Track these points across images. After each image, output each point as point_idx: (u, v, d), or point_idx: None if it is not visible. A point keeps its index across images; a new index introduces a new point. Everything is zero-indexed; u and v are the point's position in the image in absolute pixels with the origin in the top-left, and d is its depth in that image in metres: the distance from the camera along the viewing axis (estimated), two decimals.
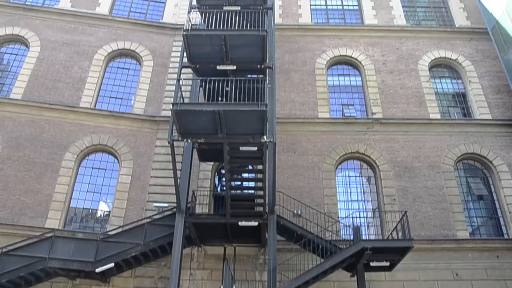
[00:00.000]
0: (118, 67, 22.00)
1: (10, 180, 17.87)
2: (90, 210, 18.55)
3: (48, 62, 21.26)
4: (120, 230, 16.48)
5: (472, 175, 19.75)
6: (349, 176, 19.55)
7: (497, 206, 18.78)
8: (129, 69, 21.97)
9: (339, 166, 19.54)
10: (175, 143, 15.84)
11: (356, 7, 24.88)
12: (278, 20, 23.18)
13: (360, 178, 19.66)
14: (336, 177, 19.16)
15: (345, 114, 21.05)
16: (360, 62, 22.13)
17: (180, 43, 20.49)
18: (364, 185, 19.49)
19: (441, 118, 20.70)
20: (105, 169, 19.20)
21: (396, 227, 15.69)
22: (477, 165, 19.89)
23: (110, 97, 21.00)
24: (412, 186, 18.65)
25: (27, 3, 23.52)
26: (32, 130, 19.21)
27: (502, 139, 19.93)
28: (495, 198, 19.00)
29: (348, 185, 19.29)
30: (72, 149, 18.93)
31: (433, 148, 19.62)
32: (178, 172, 16.30)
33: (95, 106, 20.46)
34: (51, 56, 21.45)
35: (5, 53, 22.07)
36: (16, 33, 22.13)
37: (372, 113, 20.51)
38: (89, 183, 18.83)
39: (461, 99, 21.91)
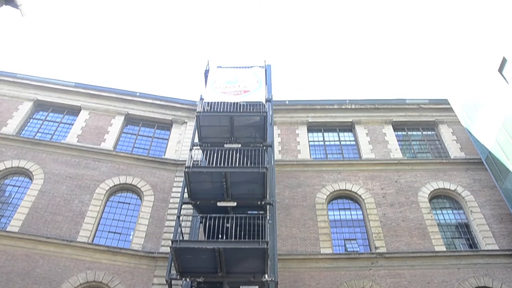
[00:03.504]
0: (118, 202, 22.00)
1: None
2: None
3: (49, 195, 21.35)
4: None
5: None
6: None
7: None
8: (129, 203, 21.96)
9: None
10: (173, 281, 15.28)
11: (353, 142, 25.74)
12: (277, 156, 23.81)
13: None
14: None
15: (348, 249, 20.52)
16: (360, 196, 22.22)
17: (181, 179, 20.84)
18: None
19: (447, 250, 20.18)
20: None
21: None
22: None
23: (109, 231, 20.65)
24: None
25: (36, 137, 24.36)
26: (25, 264, 18.57)
27: None
28: None
29: None
30: (65, 286, 18.10)
31: (442, 283, 18.78)
32: None
33: (92, 240, 20.04)
34: (53, 189, 21.60)
35: (8, 185, 22.28)
36: (21, 166, 22.54)
37: (376, 248, 20.04)
38: None
39: (464, 229, 21.57)
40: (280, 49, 66.01)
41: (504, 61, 20.02)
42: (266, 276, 15.04)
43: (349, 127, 26.45)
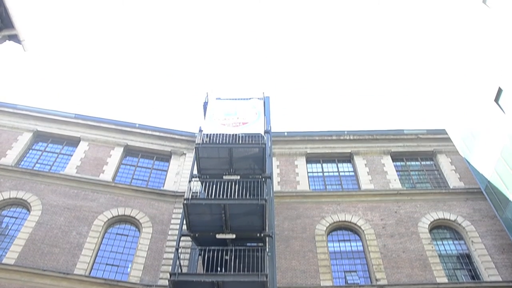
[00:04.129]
0: (117, 233, 21.79)
1: None
2: None
3: (47, 226, 21.17)
4: None
5: None
6: None
7: None
8: (127, 235, 21.74)
9: None
10: None
11: (352, 173, 25.75)
12: (276, 187, 23.77)
13: None
14: None
15: (348, 282, 20.22)
16: (360, 227, 22.05)
17: (180, 210, 20.74)
18: None
19: (449, 282, 19.90)
20: None
21: None
22: None
23: (107, 264, 20.38)
24: None
25: (34, 168, 24.31)
26: None
27: None
28: None
29: None
30: None
31: None
32: None
33: (90, 273, 19.76)
34: (50, 221, 21.44)
35: (6, 216, 22.11)
36: (19, 197, 22.44)
37: (376, 280, 19.77)
38: None
39: (466, 260, 21.31)
40: (278, 80, 66.73)
41: (499, 91, 20.25)
42: None
43: (347, 158, 26.49)
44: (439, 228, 22.68)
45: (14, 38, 13.08)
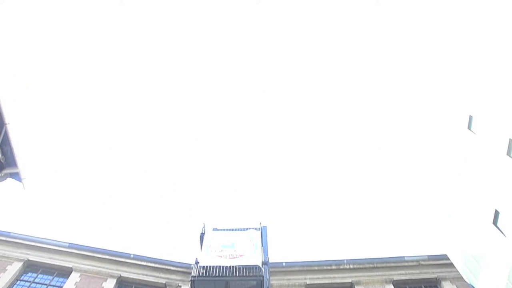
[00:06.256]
0: None
1: None
2: None
3: None
4: None
5: None
6: None
7: None
8: None
9: None
10: None
11: None
12: None
13: None
14: None
15: None
16: None
17: None
18: None
19: None
20: None
21: None
22: None
23: None
24: None
25: None
26: None
27: None
28: None
29: None
30: None
31: None
32: None
33: None
34: None
35: None
36: None
37: None
38: None
39: None
40: (275, 208, 67.04)
41: (497, 213, 20.22)
42: None
43: None
44: None
45: (16, 176, 13.38)
